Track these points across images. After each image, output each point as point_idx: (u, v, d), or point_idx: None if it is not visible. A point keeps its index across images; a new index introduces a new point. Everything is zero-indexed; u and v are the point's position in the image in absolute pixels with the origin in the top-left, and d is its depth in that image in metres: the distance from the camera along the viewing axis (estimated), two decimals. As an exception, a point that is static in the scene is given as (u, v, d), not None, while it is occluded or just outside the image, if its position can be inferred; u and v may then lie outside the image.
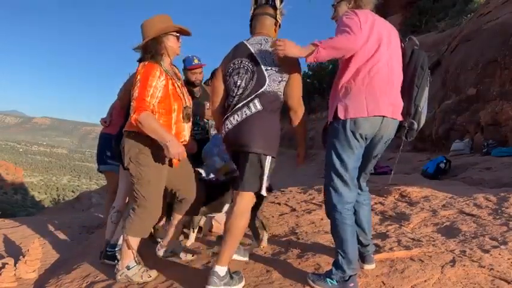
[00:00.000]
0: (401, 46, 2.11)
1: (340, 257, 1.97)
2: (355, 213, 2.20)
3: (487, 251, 2.29)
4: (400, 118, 2.04)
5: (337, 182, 1.99)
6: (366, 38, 1.92)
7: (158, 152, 2.32)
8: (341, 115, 1.94)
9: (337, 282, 1.96)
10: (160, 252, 2.54)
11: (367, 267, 2.18)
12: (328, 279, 1.98)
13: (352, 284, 1.94)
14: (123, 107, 2.98)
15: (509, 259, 2.18)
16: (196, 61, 3.53)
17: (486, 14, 8.46)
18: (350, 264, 1.95)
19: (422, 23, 18.57)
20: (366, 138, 1.99)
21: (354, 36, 1.86)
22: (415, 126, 2.05)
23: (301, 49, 1.91)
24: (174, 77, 2.43)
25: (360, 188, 2.22)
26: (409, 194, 3.85)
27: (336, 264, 1.99)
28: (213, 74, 4.00)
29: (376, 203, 3.72)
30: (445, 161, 5.68)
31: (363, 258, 2.19)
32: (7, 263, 2.77)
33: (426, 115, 2.14)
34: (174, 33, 2.41)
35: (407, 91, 2.03)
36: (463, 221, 2.91)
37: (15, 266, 2.83)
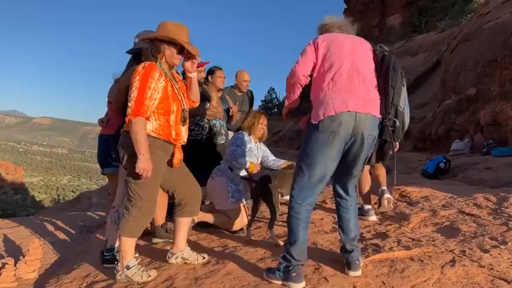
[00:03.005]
0: (375, 56, 2.22)
1: (286, 247, 2.08)
2: (341, 218, 2.24)
3: (486, 251, 2.29)
4: (378, 114, 2.10)
5: (301, 178, 2.10)
6: (324, 51, 2.12)
7: (162, 152, 2.34)
8: (313, 120, 2.06)
9: (282, 272, 2.05)
10: (172, 260, 2.53)
11: (352, 273, 2.11)
12: (276, 271, 2.08)
13: (294, 274, 2.01)
14: (118, 107, 2.97)
15: (509, 259, 2.18)
16: (200, 59, 3.56)
17: (486, 14, 8.46)
18: (294, 255, 2.03)
19: (422, 23, 18.61)
20: (340, 137, 2.01)
21: (296, 67, 2.15)
22: (398, 123, 2.13)
23: (285, 106, 2.37)
24: (172, 80, 2.43)
25: (347, 192, 2.23)
26: (409, 194, 3.86)
27: (283, 255, 2.08)
28: (211, 71, 4.01)
29: (376, 203, 3.72)
30: (444, 160, 5.68)
31: (348, 265, 2.14)
32: (7, 263, 2.76)
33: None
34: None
35: (384, 92, 2.14)
36: (463, 221, 2.92)
37: (15, 266, 2.82)
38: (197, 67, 3.56)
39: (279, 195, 2.95)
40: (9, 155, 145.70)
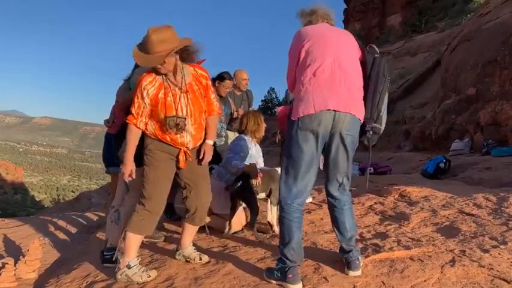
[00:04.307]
0: (362, 54, 2.20)
1: (280, 249, 2.09)
2: (336, 219, 2.22)
3: (486, 251, 2.29)
4: (359, 115, 2.09)
5: (288, 177, 2.11)
6: (308, 45, 2.09)
7: (162, 152, 2.36)
8: (292, 116, 2.07)
9: (280, 273, 2.06)
10: (176, 255, 2.58)
11: (351, 273, 2.10)
12: (275, 272, 2.09)
13: (290, 275, 2.01)
14: (121, 109, 2.97)
15: (508, 259, 2.18)
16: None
17: (486, 14, 8.46)
18: (288, 256, 2.03)
19: (422, 23, 18.62)
20: (319, 135, 2.02)
21: (288, 76, 2.24)
22: (377, 128, 2.15)
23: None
24: (171, 86, 2.33)
25: (338, 192, 2.21)
26: (409, 193, 3.86)
27: (279, 257, 2.09)
28: (222, 77, 3.99)
29: (376, 203, 3.72)
30: (444, 160, 5.68)
31: (347, 264, 2.14)
32: (7, 263, 2.76)
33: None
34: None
35: (371, 96, 2.12)
36: (463, 221, 2.91)
37: (15, 266, 2.83)
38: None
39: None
40: (9, 155, 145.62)
